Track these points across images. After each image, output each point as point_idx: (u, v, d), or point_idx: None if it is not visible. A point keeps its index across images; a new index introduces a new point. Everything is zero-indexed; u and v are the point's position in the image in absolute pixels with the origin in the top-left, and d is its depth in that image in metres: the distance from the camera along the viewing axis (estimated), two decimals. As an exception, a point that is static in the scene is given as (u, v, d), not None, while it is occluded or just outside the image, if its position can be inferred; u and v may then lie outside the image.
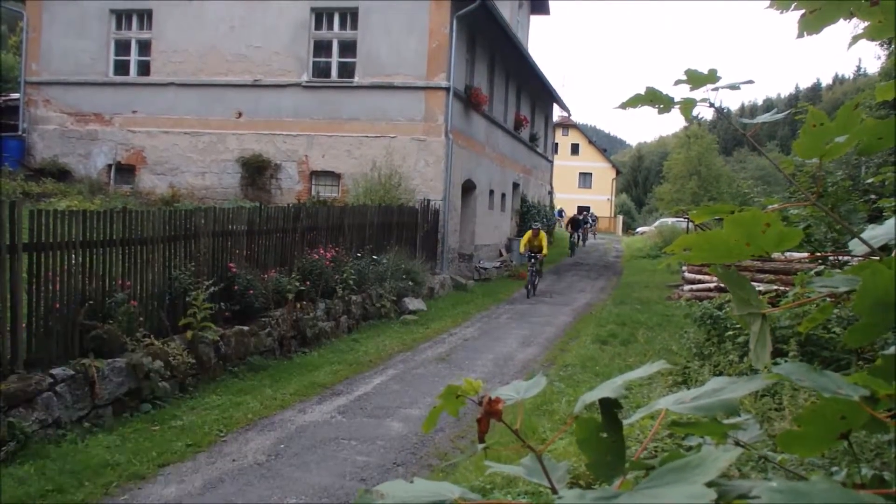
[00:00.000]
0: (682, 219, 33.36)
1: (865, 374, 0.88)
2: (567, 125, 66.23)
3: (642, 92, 1.40)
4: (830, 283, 1.10)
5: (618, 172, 75.67)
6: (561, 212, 42.62)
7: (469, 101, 20.08)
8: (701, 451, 0.76)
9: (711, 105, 1.43)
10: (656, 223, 48.23)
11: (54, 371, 7.36)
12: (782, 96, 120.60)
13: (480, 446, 0.96)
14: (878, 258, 1.08)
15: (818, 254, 8.28)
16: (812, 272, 7.04)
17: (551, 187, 37.81)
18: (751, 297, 1.20)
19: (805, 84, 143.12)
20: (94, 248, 8.31)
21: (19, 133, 20.93)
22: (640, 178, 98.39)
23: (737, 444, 1.09)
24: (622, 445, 0.91)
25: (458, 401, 0.98)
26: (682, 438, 1.23)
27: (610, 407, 0.92)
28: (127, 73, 20.66)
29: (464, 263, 21.04)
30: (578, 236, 30.98)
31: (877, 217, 8.33)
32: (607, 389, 0.93)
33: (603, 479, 0.89)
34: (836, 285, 1.07)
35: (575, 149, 69.88)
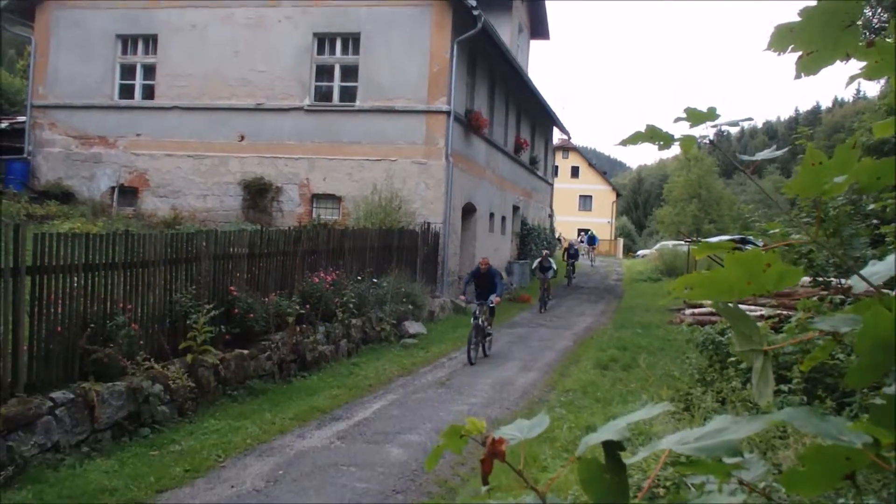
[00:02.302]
0: (683, 241, 33.37)
1: (867, 421, 0.89)
2: (567, 148, 66.43)
3: (642, 129, 1.42)
4: (832, 322, 1.10)
5: (618, 195, 75.79)
6: (559, 237, 42.60)
7: (469, 124, 20.18)
8: (701, 497, 0.76)
9: (711, 143, 1.45)
10: (657, 246, 48.21)
11: (54, 395, 7.35)
12: (782, 119, 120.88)
13: (484, 488, 0.96)
14: (879, 297, 1.09)
15: (820, 279, 8.28)
16: (814, 298, 7.03)
17: (551, 210, 37.87)
18: (752, 333, 1.20)
19: (805, 107, 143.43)
20: (96, 270, 8.33)
21: (24, 156, 21.02)
22: (640, 200, 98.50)
23: (740, 482, 1.09)
24: (625, 487, 0.92)
25: (461, 440, 0.99)
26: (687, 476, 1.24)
27: (613, 449, 0.93)
28: (132, 96, 20.79)
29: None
30: (572, 266, 29.78)
31: (879, 241, 8.33)
32: (610, 432, 0.94)
33: (606, 522, 0.89)
34: (838, 326, 1.08)
35: (575, 171, 70.05)
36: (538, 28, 31.53)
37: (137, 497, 6.46)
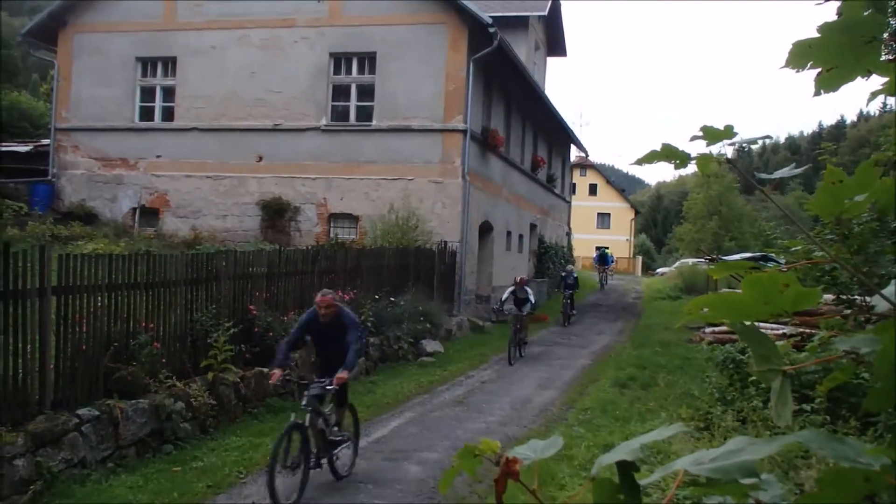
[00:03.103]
0: (703, 259, 33.12)
1: (889, 443, 0.88)
2: (585, 165, 66.26)
3: (658, 147, 1.42)
4: (852, 342, 1.10)
5: (636, 212, 75.44)
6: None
7: (486, 142, 20.22)
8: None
9: (729, 162, 1.45)
10: (676, 264, 47.89)
11: (80, 412, 7.47)
12: (805, 133, 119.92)
13: (500, 510, 0.96)
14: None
15: (843, 297, 8.18)
16: (837, 317, 6.95)
17: (569, 228, 37.79)
18: (771, 354, 1.19)
19: (829, 121, 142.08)
20: (119, 290, 8.43)
21: (49, 178, 21.32)
22: (659, 218, 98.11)
23: (758, 503, 1.09)
24: (641, 509, 0.91)
25: (475, 460, 0.99)
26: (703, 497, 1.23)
27: (627, 469, 0.93)
28: (152, 118, 21.06)
29: (481, 305, 20.99)
30: (569, 300, 22.98)
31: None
32: (624, 452, 0.94)
33: (623, 543, 0.89)
34: (858, 346, 1.07)
35: (593, 189, 69.89)
36: (555, 45, 31.60)
37: (160, 513, 6.50)
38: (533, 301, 16.42)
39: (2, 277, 6.91)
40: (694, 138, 1.38)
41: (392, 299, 14.94)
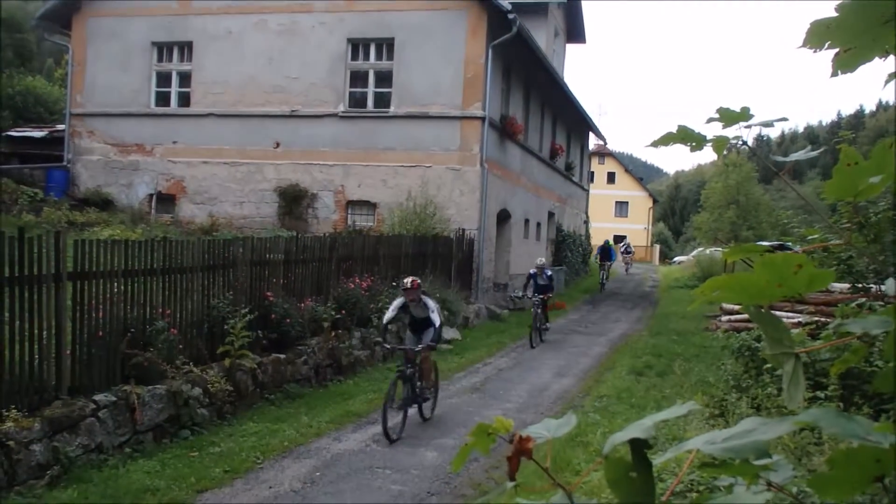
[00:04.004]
0: (720, 248, 32.93)
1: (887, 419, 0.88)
2: (603, 153, 65.99)
3: (674, 130, 1.41)
4: (863, 324, 1.09)
5: (655, 201, 75.07)
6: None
7: (504, 130, 20.16)
8: (730, 496, 0.76)
9: (744, 144, 1.44)
10: (694, 253, 47.62)
11: (97, 397, 7.51)
12: (824, 123, 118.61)
13: (510, 484, 0.98)
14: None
15: (858, 286, 8.13)
16: (853, 304, 6.91)
17: (587, 216, 37.64)
18: (783, 337, 1.19)
19: (848, 110, 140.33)
20: (136, 276, 8.47)
21: (64, 164, 21.45)
22: (677, 207, 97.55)
23: (769, 484, 1.09)
24: (652, 486, 0.92)
25: (488, 438, 1.00)
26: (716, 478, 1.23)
27: (640, 447, 0.93)
28: (168, 104, 21.12)
29: (498, 293, 20.99)
30: (539, 307, 16.10)
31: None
32: (637, 430, 0.94)
33: (633, 520, 0.90)
34: (869, 327, 1.07)
35: (611, 177, 69.56)
36: (574, 32, 31.39)
37: (178, 497, 6.56)
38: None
39: (17, 263, 6.96)
40: (710, 120, 1.38)
41: (409, 286, 14.94)
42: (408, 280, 9.51)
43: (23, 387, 6.94)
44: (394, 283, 14.37)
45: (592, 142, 40.24)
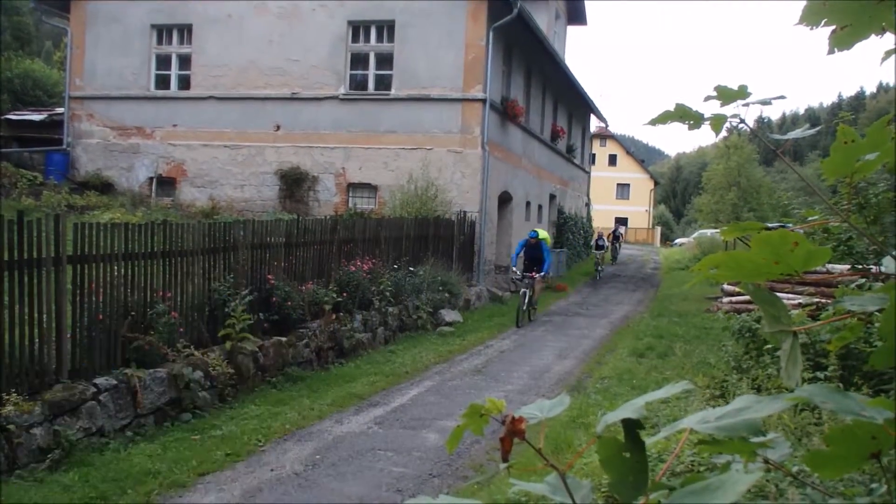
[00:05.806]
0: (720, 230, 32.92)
1: (886, 398, 0.87)
2: (605, 136, 65.82)
3: (672, 108, 1.40)
4: (860, 301, 1.09)
5: (656, 183, 74.97)
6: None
7: (505, 112, 20.09)
8: (722, 474, 0.76)
9: (742, 122, 1.42)
10: (695, 235, 47.64)
11: (98, 381, 7.53)
12: (824, 105, 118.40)
13: (503, 466, 0.97)
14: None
15: (859, 266, 8.12)
16: (853, 285, 6.90)
17: (588, 199, 37.60)
18: (781, 315, 1.19)
19: (848, 92, 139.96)
20: (136, 260, 8.47)
21: (64, 147, 21.41)
22: (678, 189, 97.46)
23: (766, 462, 1.09)
24: (645, 465, 0.92)
25: (482, 419, 0.99)
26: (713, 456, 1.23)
27: (632, 427, 0.93)
28: (168, 87, 21.03)
29: (500, 275, 21.00)
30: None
31: (922, 228, 8.14)
32: (629, 410, 0.94)
33: (625, 499, 0.89)
34: (865, 304, 1.06)
35: (612, 160, 69.46)
36: (575, 14, 31.24)
37: (180, 480, 6.59)
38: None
39: (17, 247, 6.95)
40: (708, 98, 1.37)
41: (411, 269, 14.97)
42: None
43: (23, 370, 6.95)
44: (395, 266, 14.39)
45: (594, 124, 40.09)
